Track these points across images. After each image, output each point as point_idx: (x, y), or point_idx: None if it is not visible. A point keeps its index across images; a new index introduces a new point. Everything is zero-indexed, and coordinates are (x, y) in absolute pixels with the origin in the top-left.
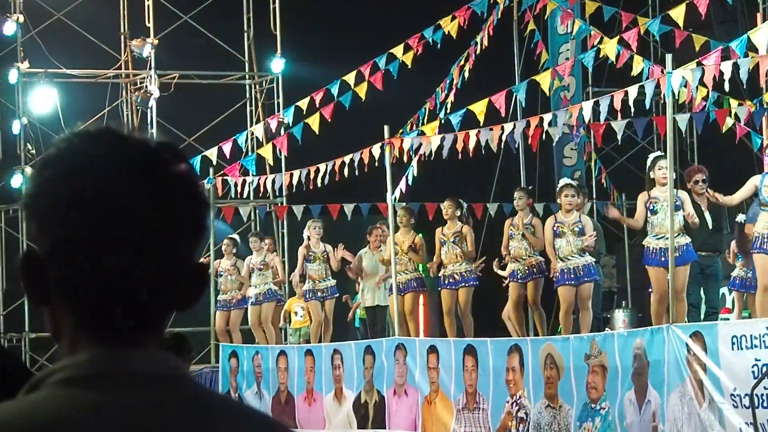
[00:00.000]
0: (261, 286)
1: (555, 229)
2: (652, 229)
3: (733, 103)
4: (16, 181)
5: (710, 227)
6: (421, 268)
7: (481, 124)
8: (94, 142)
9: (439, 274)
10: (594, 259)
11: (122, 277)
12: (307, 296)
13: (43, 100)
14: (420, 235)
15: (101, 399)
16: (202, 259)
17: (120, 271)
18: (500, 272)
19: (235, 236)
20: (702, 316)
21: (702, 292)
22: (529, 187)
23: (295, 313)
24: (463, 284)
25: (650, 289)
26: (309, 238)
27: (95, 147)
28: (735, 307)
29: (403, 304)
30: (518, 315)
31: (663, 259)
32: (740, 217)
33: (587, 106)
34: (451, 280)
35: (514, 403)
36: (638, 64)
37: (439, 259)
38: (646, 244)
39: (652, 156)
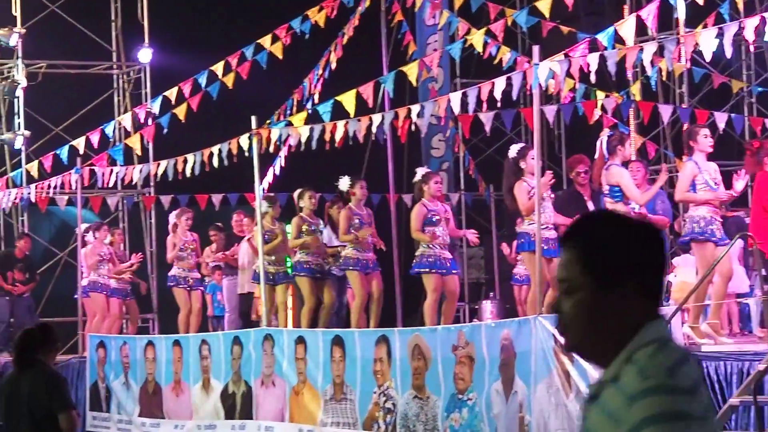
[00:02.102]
0: None
1: (430, 217)
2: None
3: (600, 94)
4: None
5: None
6: (287, 261)
7: (350, 115)
8: None
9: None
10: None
11: None
12: (173, 282)
13: None
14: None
15: None
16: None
17: None
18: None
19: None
20: None
21: None
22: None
23: None
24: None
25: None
26: (176, 226)
27: None
28: None
29: (272, 296)
30: (363, 306)
31: (543, 248)
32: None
33: (455, 98)
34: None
35: (382, 394)
36: (505, 55)
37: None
38: (524, 232)
39: (517, 147)
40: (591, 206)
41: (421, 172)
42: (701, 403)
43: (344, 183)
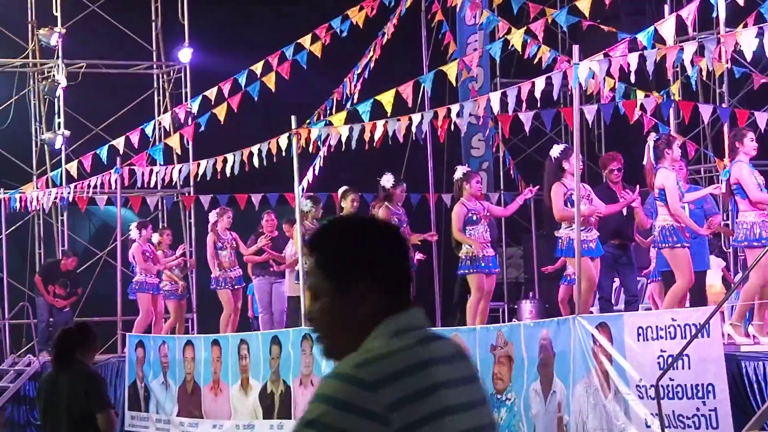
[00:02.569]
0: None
1: (472, 216)
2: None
3: (640, 94)
4: None
5: (623, 215)
6: None
7: (389, 115)
8: None
9: None
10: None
11: None
12: (217, 284)
13: None
14: None
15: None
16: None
17: None
18: None
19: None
20: (620, 305)
21: (619, 283)
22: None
23: None
24: None
25: (565, 281)
26: (215, 224)
27: None
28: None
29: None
30: None
31: (583, 248)
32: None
33: (495, 97)
34: None
35: None
36: (544, 54)
37: None
38: (561, 235)
39: (560, 147)
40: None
41: (461, 170)
42: (384, 399)
43: (388, 180)
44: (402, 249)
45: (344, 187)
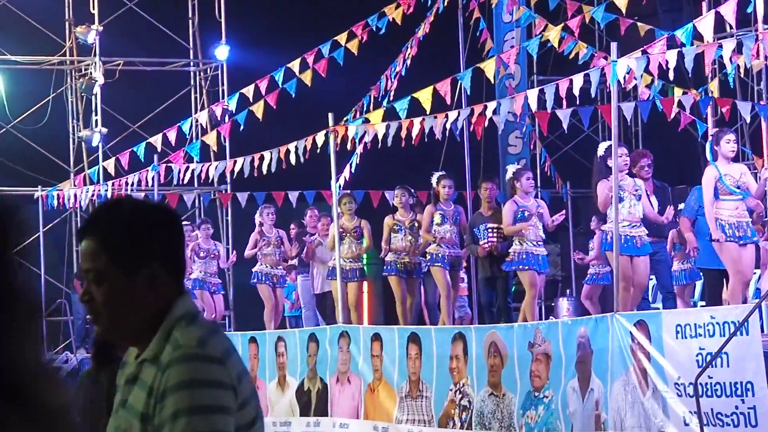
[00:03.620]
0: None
1: (522, 213)
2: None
3: (678, 91)
4: None
5: (656, 211)
6: (365, 258)
7: (427, 112)
8: None
9: (390, 260)
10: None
11: None
12: (258, 279)
13: None
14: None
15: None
16: None
17: None
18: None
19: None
20: (656, 303)
21: (654, 279)
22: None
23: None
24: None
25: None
26: (261, 224)
27: None
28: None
29: (346, 293)
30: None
31: (626, 246)
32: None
33: (532, 95)
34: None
35: (458, 391)
36: (581, 50)
37: (387, 245)
38: (607, 230)
39: (605, 144)
40: (654, 201)
41: (512, 168)
42: (231, 372)
43: (434, 178)
44: (182, 233)
45: (398, 187)
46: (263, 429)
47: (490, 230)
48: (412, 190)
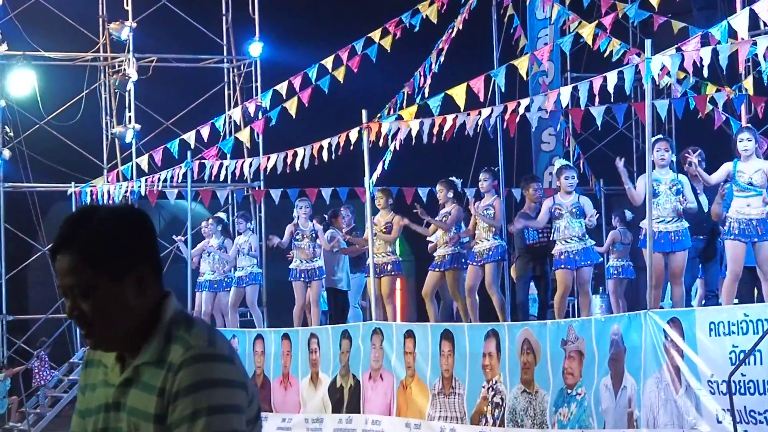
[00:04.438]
0: (246, 268)
1: (553, 211)
2: (654, 213)
3: (711, 89)
4: None
5: (705, 210)
6: (399, 252)
7: (460, 109)
8: None
9: (435, 255)
10: (594, 242)
11: None
12: (293, 276)
13: (21, 82)
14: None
15: None
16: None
17: None
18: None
19: (221, 215)
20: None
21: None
22: (494, 168)
23: None
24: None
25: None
26: (297, 217)
27: None
28: None
29: (380, 288)
30: (471, 299)
31: (662, 242)
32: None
33: (566, 92)
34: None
35: (490, 388)
36: (615, 47)
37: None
38: (645, 227)
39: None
40: (704, 199)
41: (558, 163)
42: (240, 370)
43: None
44: (155, 234)
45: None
46: (261, 424)
47: (539, 231)
48: (455, 181)
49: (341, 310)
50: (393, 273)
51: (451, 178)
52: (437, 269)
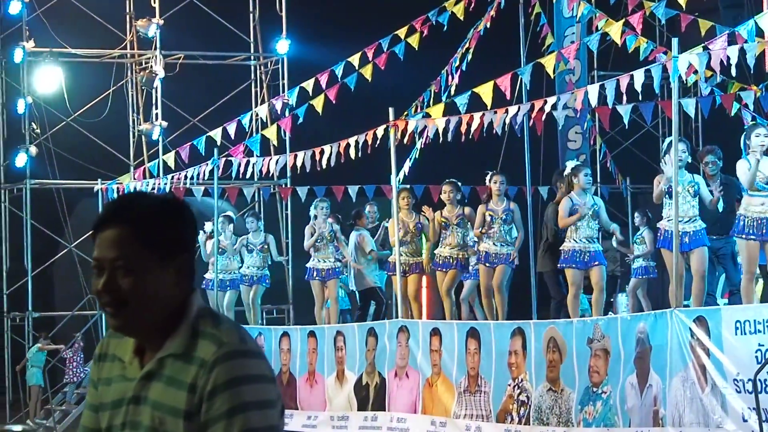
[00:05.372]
0: (252, 267)
1: (572, 209)
2: (669, 213)
3: (737, 87)
4: (21, 160)
5: (720, 210)
6: (423, 252)
7: (487, 107)
8: None
9: (437, 254)
10: (601, 247)
11: None
12: (310, 275)
13: (48, 79)
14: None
15: None
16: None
17: None
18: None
19: (230, 213)
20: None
21: (722, 274)
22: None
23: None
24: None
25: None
26: (315, 217)
27: None
28: None
29: (406, 286)
30: (487, 299)
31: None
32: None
33: (593, 90)
34: (449, 262)
35: (516, 386)
36: (642, 45)
37: (436, 240)
38: (663, 227)
39: (668, 140)
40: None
41: (570, 165)
42: (269, 365)
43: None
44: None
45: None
46: (284, 421)
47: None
48: (460, 185)
49: (378, 305)
50: (419, 271)
51: (454, 180)
52: (444, 269)
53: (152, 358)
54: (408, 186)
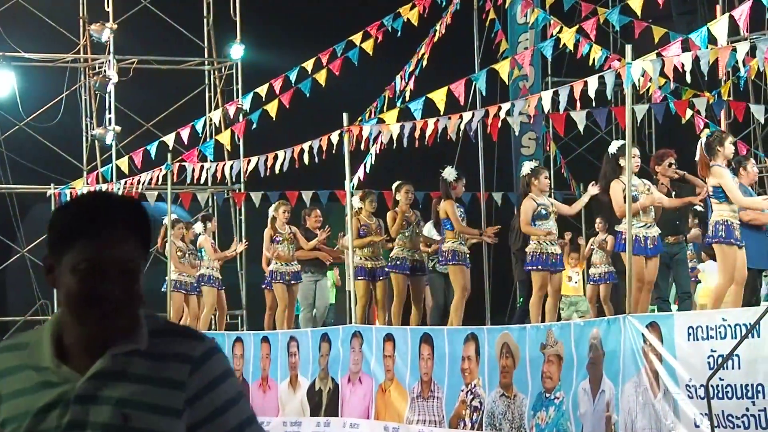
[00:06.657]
0: (205, 269)
1: (541, 210)
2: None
3: (689, 94)
4: None
5: (679, 211)
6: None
7: (441, 113)
8: None
9: (391, 256)
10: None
11: None
12: (273, 278)
13: (0, 83)
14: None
15: None
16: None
17: None
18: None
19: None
20: (672, 302)
21: (672, 279)
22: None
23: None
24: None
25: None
26: (275, 219)
27: None
28: None
29: (362, 291)
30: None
31: (641, 246)
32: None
33: (546, 96)
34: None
35: (469, 392)
36: (596, 54)
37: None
38: (622, 231)
39: (617, 144)
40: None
41: (529, 166)
42: None
43: (450, 173)
44: None
45: (398, 182)
46: None
47: None
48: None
49: None
50: (381, 278)
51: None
52: (401, 272)
53: (92, 358)
54: (372, 190)
